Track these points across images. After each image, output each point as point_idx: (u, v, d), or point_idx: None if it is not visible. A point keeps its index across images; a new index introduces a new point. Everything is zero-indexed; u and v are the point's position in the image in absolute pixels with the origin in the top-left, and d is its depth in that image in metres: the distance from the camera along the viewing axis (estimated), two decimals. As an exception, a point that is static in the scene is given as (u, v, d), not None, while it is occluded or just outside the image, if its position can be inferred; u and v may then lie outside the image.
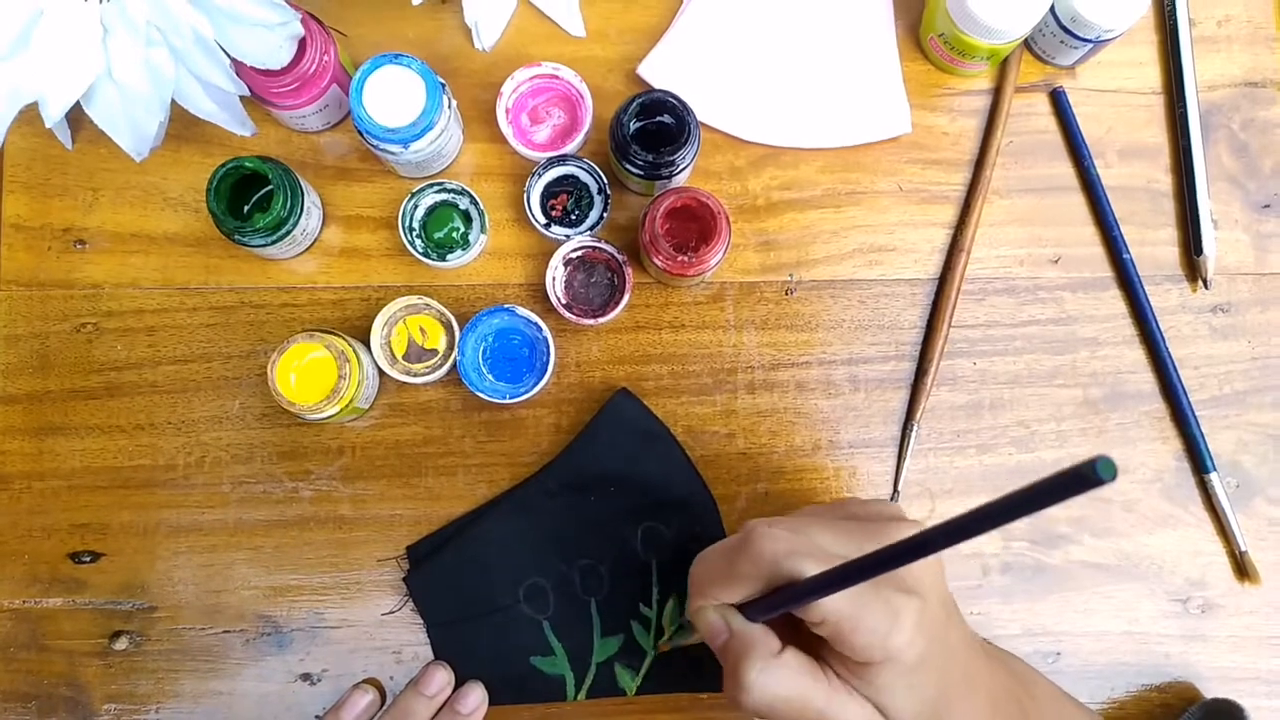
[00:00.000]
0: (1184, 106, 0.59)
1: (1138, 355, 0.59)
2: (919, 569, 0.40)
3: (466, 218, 0.57)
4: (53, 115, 0.50)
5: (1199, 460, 0.57)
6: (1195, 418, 0.57)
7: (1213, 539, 0.58)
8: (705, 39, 0.59)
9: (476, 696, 0.54)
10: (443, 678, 0.54)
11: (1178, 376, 0.58)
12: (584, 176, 0.57)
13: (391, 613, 0.56)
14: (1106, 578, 0.57)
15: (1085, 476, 0.23)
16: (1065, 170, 0.60)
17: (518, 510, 0.56)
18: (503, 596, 0.56)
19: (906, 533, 0.41)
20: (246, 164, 0.52)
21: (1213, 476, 0.57)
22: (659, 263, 0.53)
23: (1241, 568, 0.57)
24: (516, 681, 0.55)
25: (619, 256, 0.56)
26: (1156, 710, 0.56)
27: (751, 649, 0.40)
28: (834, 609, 0.38)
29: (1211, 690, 0.57)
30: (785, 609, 0.39)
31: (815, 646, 0.41)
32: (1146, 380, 0.58)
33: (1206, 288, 0.59)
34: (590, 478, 0.56)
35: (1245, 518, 0.57)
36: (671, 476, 0.57)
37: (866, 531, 0.41)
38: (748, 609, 0.41)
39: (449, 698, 0.54)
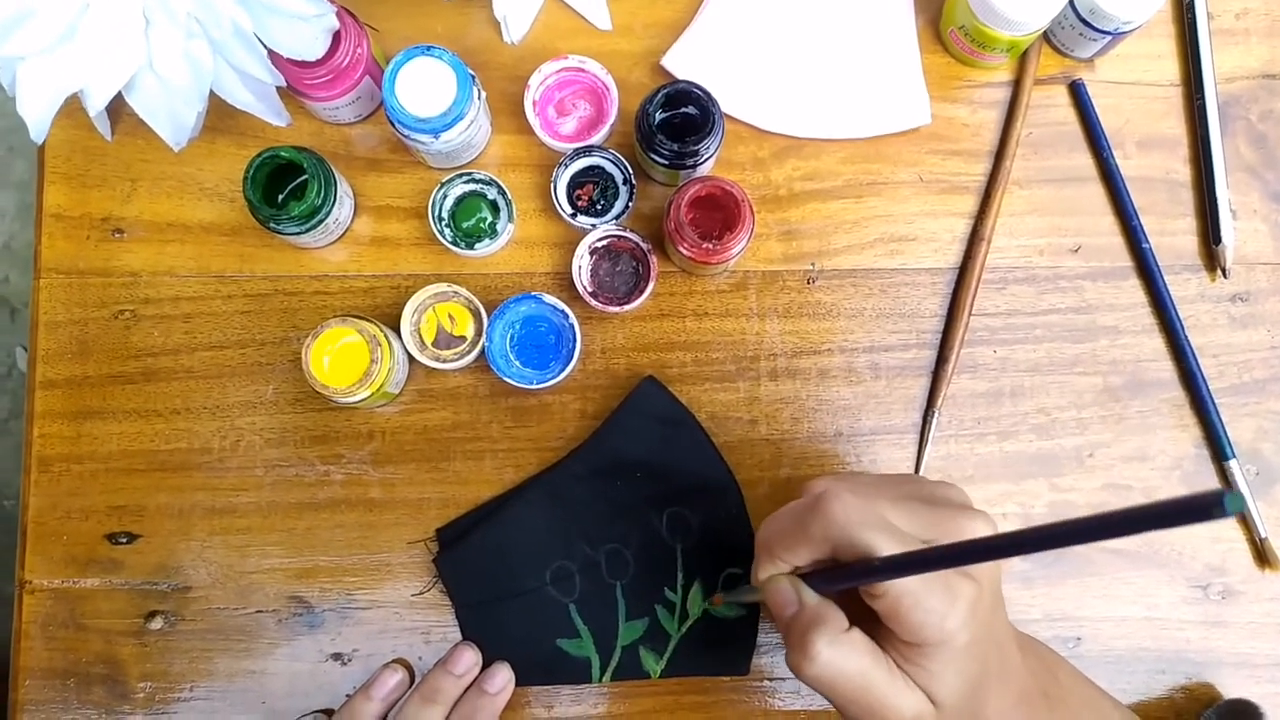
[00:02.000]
0: (1202, 98, 0.60)
1: (1157, 343, 0.59)
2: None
3: (494, 207, 0.58)
4: (96, 105, 0.52)
5: (1219, 448, 0.58)
6: (1215, 405, 0.58)
7: (1233, 526, 0.58)
8: (728, 31, 0.60)
9: (503, 676, 0.55)
10: (470, 657, 0.55)
11: (1197, 364, 0.58)
12: (609, 167, 0.58)
13: (421, 594, 0.57)
14: (1127, 564, 0.58)
15: (1205, 507, 0.22)
16: (1085, 161, 0.60)
17: (545, 495, 0.57)
18: (530, 579, 0.57)
19: (978, 527, 0.42)
20: (282, 153, 0.53)
21: (1232, 464, 0.58)
22: (684, 250, 0.54)
23: (1261, 554, 0.57)
24: (542, 663, 0.56)
25: (644, 245, 0.57)
26: (1177, 704, 0.57)
27: (822, 622, 0.40)
28: (898, 585, 0.39)
29: (1231, 676, 0.57)
30: (852, 584, 0.40)
31: (869, 630, 0.42)
32: (1166, 368, 0.59)
33: (1225, 277, 0.59)
34: (616, 463, 0.57)
35: (1265, 505, 0.58)
36: (696, 462, 0.58)
37: (936, 518, 0.42)
38: (812, 580, 0.42)
39: (476, 677, 0.55)
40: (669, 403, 0.58)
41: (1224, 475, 0.58)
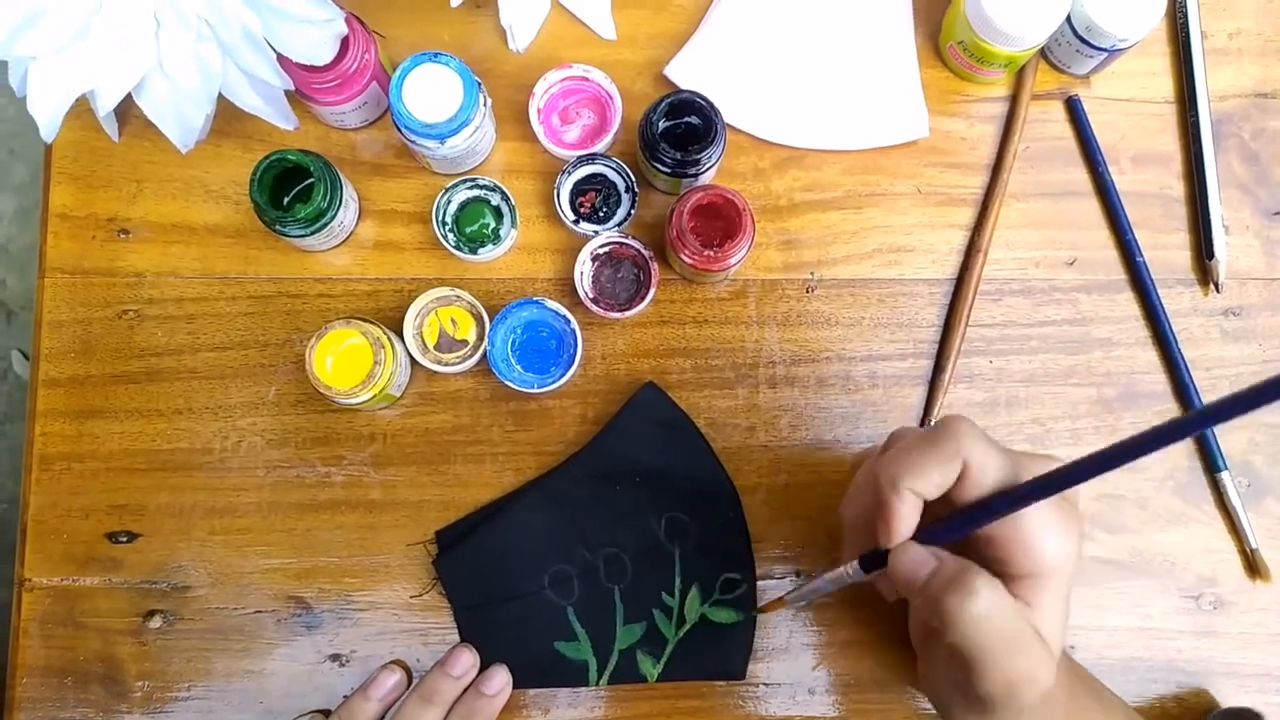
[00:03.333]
0: (1196, 115, 0.61)
1: (1151, 356, 0.60)
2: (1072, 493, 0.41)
3: (498, 213, 0.59)
4: (105, 106, 0.52)
5: (1210, 459, 0.59)
6: (1207, 418, 0.59)
7: (1224, 537, 0.59)
8: (731, 43, 0.61)
9: (501, 679, 0.56)
10: (468, 659, 0.56)
11: (1190, 377, 0.59)
12: (612, 175, 0.59)
13: (420, 596, 0.57)
14: (1119, 574, 0.58)
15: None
16: (1080, 175, 0.61)
17: (545, 499, 0.57)
18: (528, 582, 0.57)
19: (1051, 464, 0.41)
20: (289, 157, 0.54)
21: (1224, 475, 0.58)
22: (685, 258, 0.55)
23: (1253, 565, 0.58)
24: (540, 666, 0.57)
25: (645, 252, 0.57)
26: (1169, 712, 0.57)
27: (970, 567, 0.40)
28: (1026, 513, 0.39)
29: (1222, 686, 0.57)
30: (990, 519, 0.40)
31: None
32: (1159, 381, 0.60)
33: (1218, 291, 0.60)
34: (616, 468, 0.58)
35: (1256, 516, 0.58)
36: (695, 468, 0.58)
37: (1014, 456, 0.42)
38: (937, 532, 0.42)
39: (474, 680, 0.56)
40: (669, 408, 0.58)
41: (1216, 487, 0.59)
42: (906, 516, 0.41)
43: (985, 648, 0.40)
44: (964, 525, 0.41)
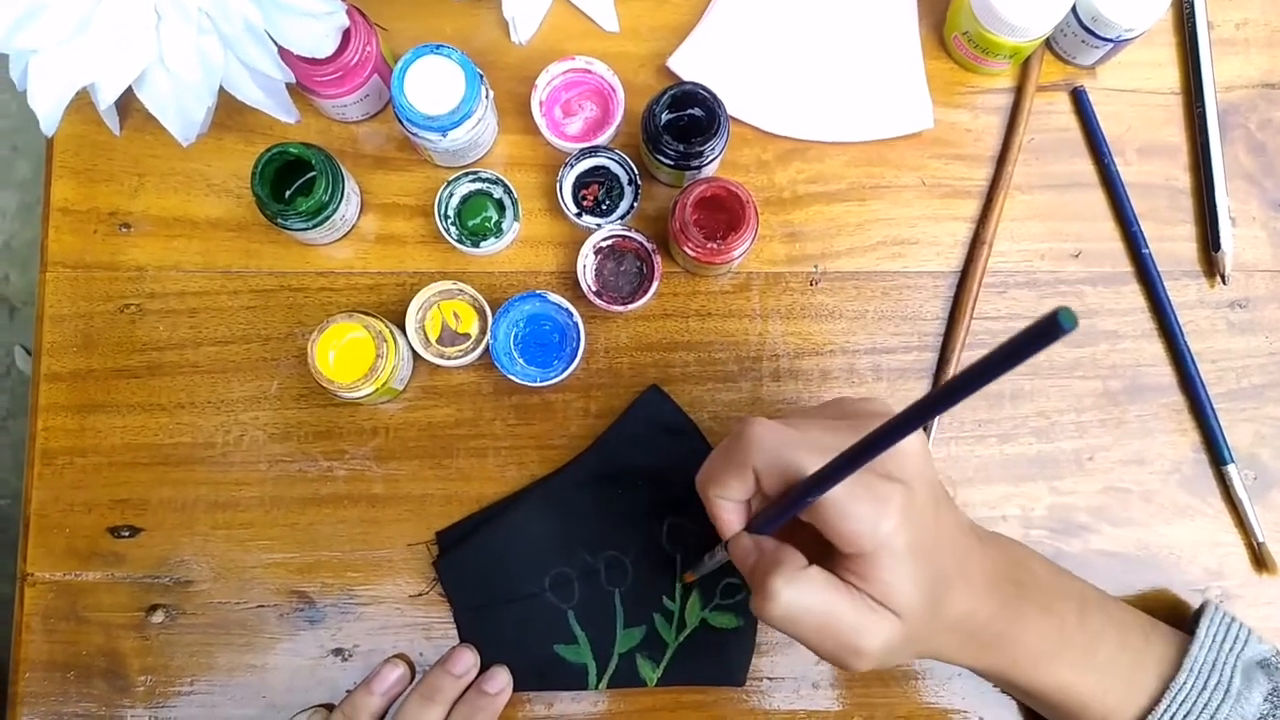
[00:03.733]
0: (1202, 106, 0.60)
1: (1156, 349, 0.60)
2: (906, 461, 0.41)
3: (500, 206, 0.58)
4: (106, 100, 0.52)
5: (1217, 452, 0.58)
6: (1213, 410, 0.58)
7: (1230, 530, 0.58)
8: (733, 34, 0.60)
9: (503, 678, 0.56)
10: (470, 658, 0.55)
11: (1196, 370, 0.59)
12: (615, 167, 0.58)
13: (421, 595, 0.57)
14: (1125, 567, 0.58)
15: (1050, 329, 0.24)
16: (1086, 167, 0.61)
17: (546, 500, 0.57)
18: (529, 584, 0.57)
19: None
20: (291, 149, 0.54)
21: (1230, 468, 0.58)
22: (688, 250, 0.55)
23: (1259, 559, 0.58)
24: (540, 668, 0.56)
25: (648, 245, 0.57)
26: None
27: (778, 563, 0.41)
28: (826, 500, 0.39)
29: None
30: (790, 512, 0.41)
31: (832, 568, 0.42)
32: (1165, 373, 0.59)
33: (1224, 283, 0.60)
34: (618, 471, 0.57)
35: (1263, 509, 0.58)
36: (697, 471, 0.58)
37: (855, 428, 0.42)
38: (760, 523, 0.43)
39: (476, 679, 0.55)
40: (673, 412, 0.58)
41: (1222, 480, 0.58)
42: (724, 516, 0.44)
43: (798, 636, 0.42)
44: (776, 516, 0.42)
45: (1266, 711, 0.47)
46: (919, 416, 0.32)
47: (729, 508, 0.44)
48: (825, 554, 0.42)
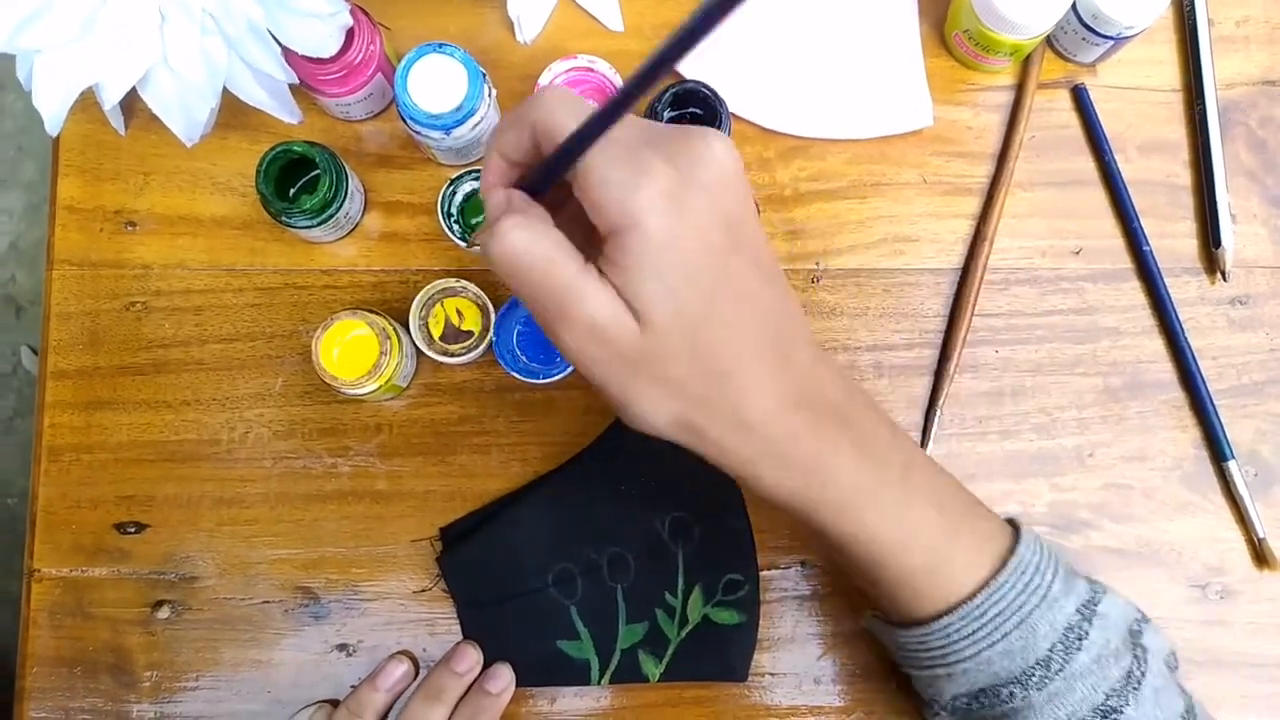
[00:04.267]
0: (1203, 104, 0.60)
1: (1157, 345, 0.60)
2: (706, 165, 0.36)
3: (503, 204, 0.59)
4: (110, 100, 0.52)
5: (1218, 449, 0.58)
6: (1214, 407, 0.59)
7: (1231, 526, 0.59)
8: (735, 32, 0.60)
9: (505, 678, 0.56)
10: (473, 656, 0.56)
11: (1197, 366, 0.59)
12: (617, 166, 0.59)
13: (425, 590, 0.57)
14: (1126, 563, 0.58)
15: None
16: (1086, 164, 0.61)
17: (549, 496, 0.57)
18: (532, 580, 0.57)
19: (710, 139, 0.37)
20: (295, 148, 0.54)
21: (1231, 465, 0.58)
22: (690, 248, 0.55)
23: (1260, 554, 0.58)
24: (543, 664, 0.57)
25: (650, 243, 0.57)
26: None
27: (518, 209, 0.37)
28: (584, 163, 0.35)
29: (1230, 675, 0.57)
30: (555, 172, 0.37)
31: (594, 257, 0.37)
32: (1166, 370, 0.60)
33: (1225, 280, 0.60)
34: (621, 467, 0.57)
35: (1264, 505, 0.58)
36: (700, 468, 0.58)
37: (666, 131, 0.37)
38: (528, 182, 0.39)
39: (478, 677, 0.56)
40: None
41: (1223, 476, 0.59)
42: (486, 170, 0.39)
43: (518, 285, 0.37)
44: (539, 177, 0.38)
45: (1075, 622, 0.44)
46: (678, 46, 0.29)
47: (499, 165, 0.39)
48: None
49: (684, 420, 0.39)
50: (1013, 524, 0.48)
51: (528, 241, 0.36)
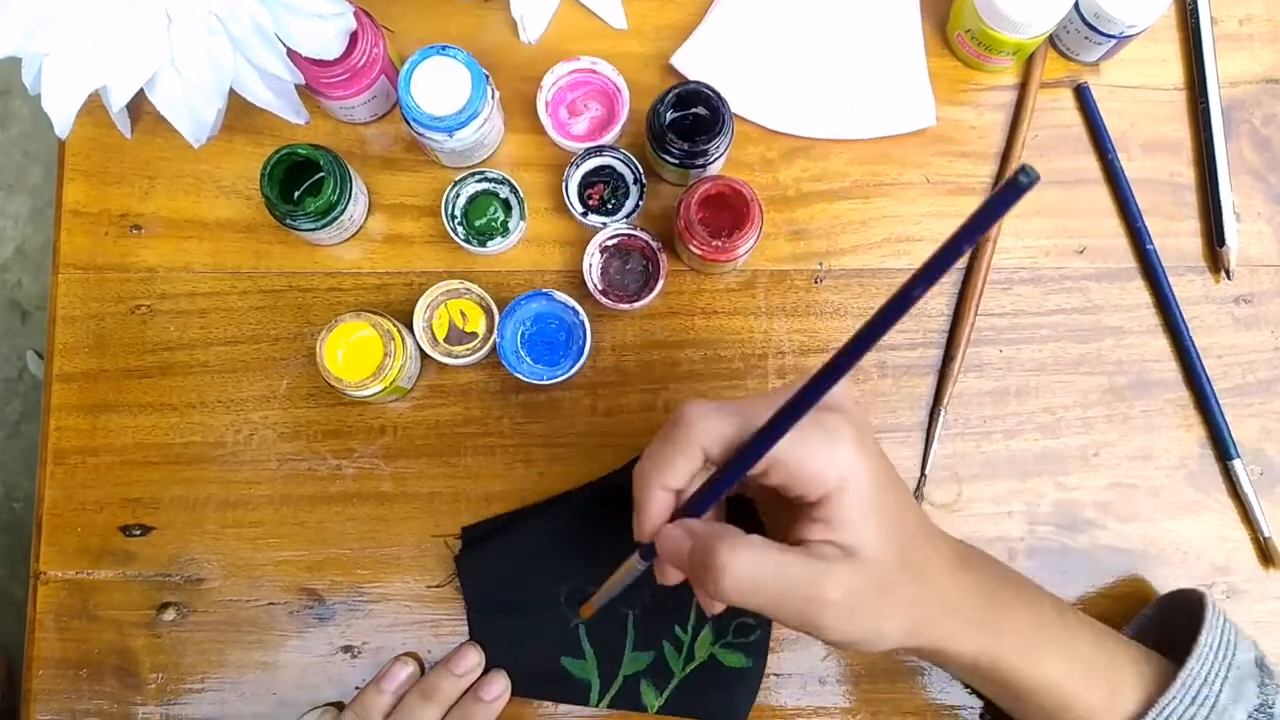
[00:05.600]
0: (1206, 102, 0.60)
1: (1162, 344, 0.60)
2: (840, 402, 0.40)
3: (506, 206, 0.59)
4: (118, 102, 0.52)
5: (1223, 447, 0.58)
6: (1219, 406, 0.58)
7: (1237, 525, 0.58)
8: (737, 32, 0.61)
9: (500, 685, 0.56)
10: (474, 657, 0.56)
11: (1201, 365, 0.59)
12: (620, 167, 0.59)
13: (439, 586, 0.57)
14: (1132, 563, 0.58)
15: (1016, 185, 0.25)
16: (1090, 163, 0.61)
17: (575, 512, 0.57)
18: (545, 593, 0.57)
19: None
20: (299, 150, 0.54)
21: (1236, 463, 0.58)
22: (693, 248, 0.55)
23: (1266, 554, 0.58)
24: (543, 678, 0.56)
25: (654, 244, 0.57)
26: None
27: (720, 539, 0.39)
28: (778, 453, 0.38)
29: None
30: (729, 483, 0.39)
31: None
32: (1170, 369, 0.59)
33: (1229, 278, 0.60)
34: None
35: (1269, 504, 0.58)
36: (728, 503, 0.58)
37: (783, 392, 0.40)
38: (695, 503, 0.41)
39: (474, 684, 0.56)
40: None
41: (1228, 475, 0.58)
42: (651, 508, 0.42)
43: (761, 608, 0.39)
44: (718, 486, 0.40)
45: None
46: (864, 342, 0.32)
47: (663, 499, 0.41)
48: (772, 529, 0.40)
49: (911, 625, 0.41)
50: (1189, 603, 0.51)
51: (752, 561, 0.38)
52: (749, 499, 0.48)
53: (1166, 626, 0.53)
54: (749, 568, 0.38)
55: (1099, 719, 0.46)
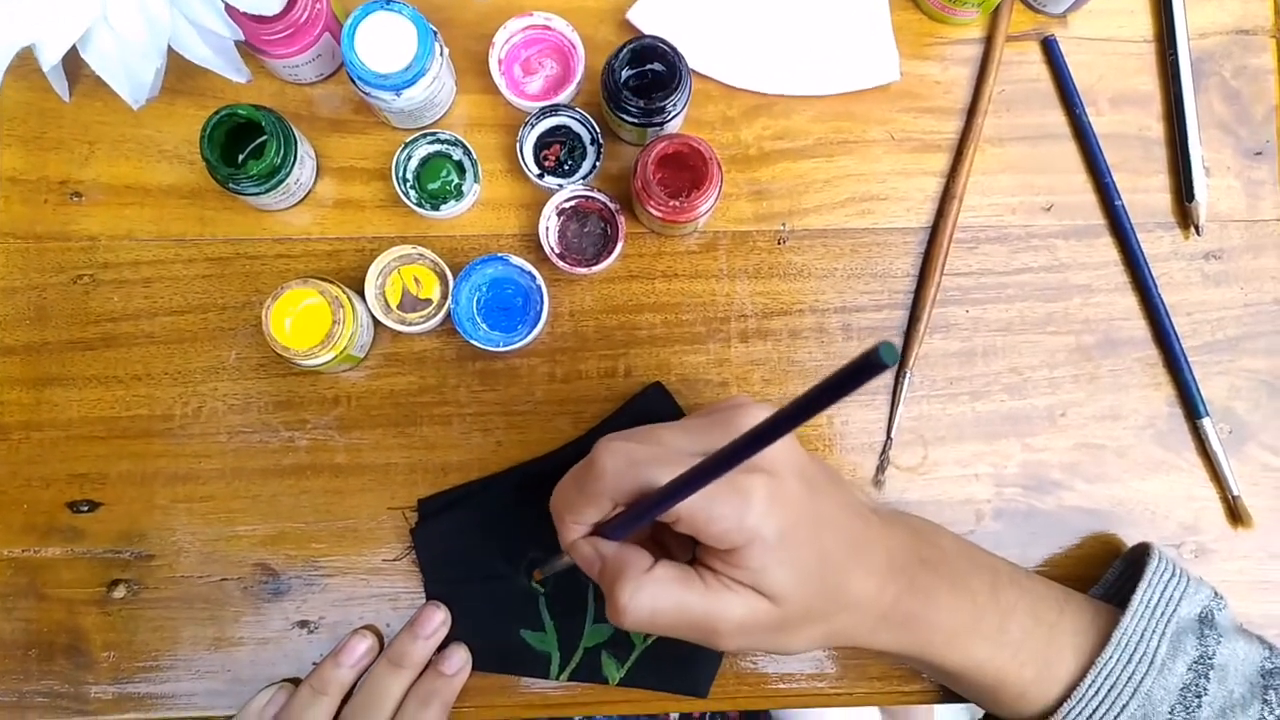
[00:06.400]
0: (1175, 54, 0.59)
1: (1130, 302, 0.59)
2: (768, 452, 0.39)
3: (460, 168, 0.57)
4: (49, 60, 0.50)
5: (1191, 406, 0.58)
6: (1188, 363, 0.58)
7: (1205, 484, 0.58)
8: (696, -12, 0.59)
9: (460, 658, 0.55)
10: (438, 617, 0.55)
11: (1170, 323, 0.58)
12: (576, 127, 0.57)
13: (395, 560, 0.56)
14: (1100, 523, 0.57)
15: (872, 364, 0.25)
16: (1057, 118, 0.60)
17: (533, 483, 0.56)
18: (503, 565, 0.56)
19: (753, 418, 0.41)
20: (240, 111, 0.52)
21: (1205, 422, 0.57)
22: (651, 210, 0.53)
23: (1234, 512, 0.57)
24: (503, 651, 0.55)
25: (612, 205, 0.56)
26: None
27: (623, 572, 0.41)
28: (685, 507, 0.39)
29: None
30: (643, 521, 0.40)
31: (695, 550, 0.42)
32: (1139, 327, 0.59)
33: (1199, 234, 0.59)
34: None
35: (1238, 463, 0.57)
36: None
37: (714, 422, 0.42)
38: (610, 529, 0.42)
39: (435, 656, 0.55)
40: (674, 411, 0.57)
41: (1197, 433, 0.58)
42: (566, 534, 0.44)
43: (662, 633, 0.42)
44: (628, 523, 0.41)
45: (1189, 680, 0.47)
46: (779, 429, 0.32)
47: (577, 528, 0.43)
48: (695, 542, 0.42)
49: (824, 638, 0.44)
50: (1141, 556, 0.51)
51: (649, 601, 0.40)
52: None
53: (1126, 585, 0.52)
54: (645, 607, 0.40)
55: (1034, 692, 0.47)
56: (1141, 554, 0.52)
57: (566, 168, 0.57)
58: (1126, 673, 0.46)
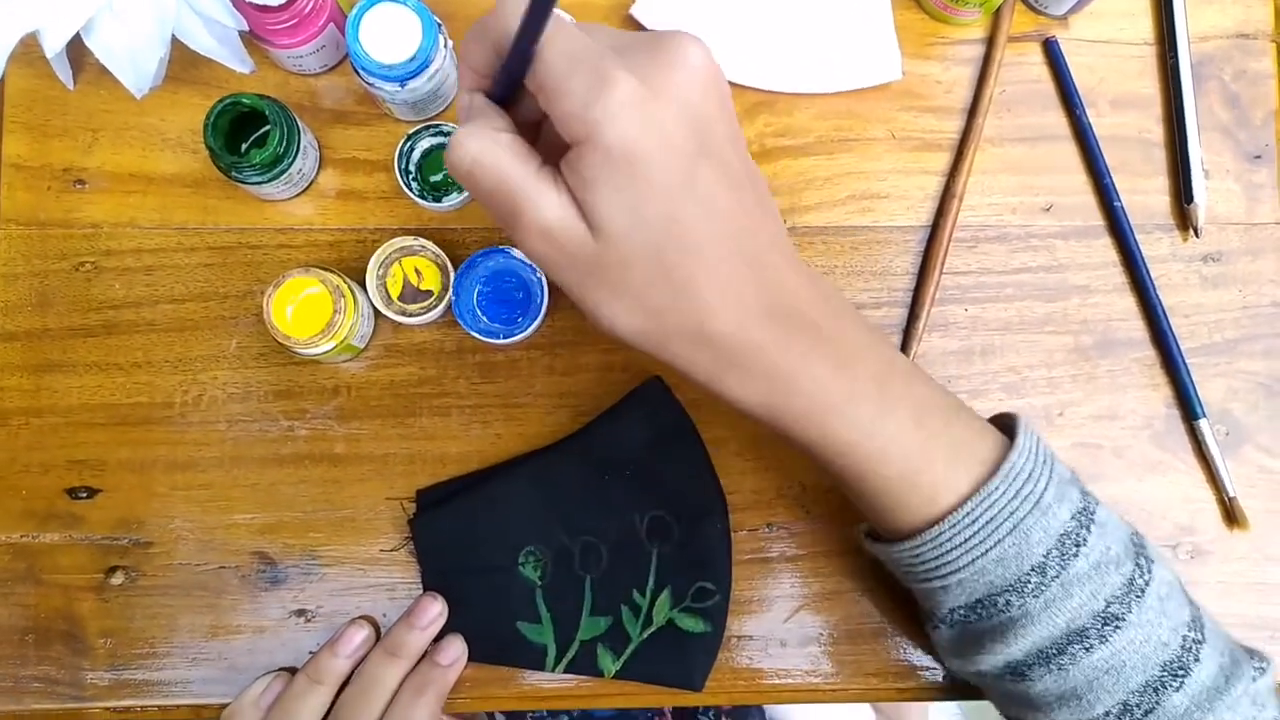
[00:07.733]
0: (1176, 57, 0.59)
1: (1128, 303, 0.59)
2: (675, 73, 0.36)
3: (462, 161, 0.57)
4: (54, 46, 0.51)
5: (1189, 407, 0.58)
6: (1185, 365, 0.58)
7: (1202, 485, 0.58)
8: (700, -16, 0.59)
9: (456, 649, 0.55)
10: (435, 609, 0.55)
11: (1168, 324, 0.58)
12: (579, 121, 0.57)
13: (393, 550, 0.56)
14: (1096, 523, 0.58)
15: None
16: (1057, 119, 0.60)
17: (531, 475, 0.56)
18: (501, 557, 0.56)
19: (686, 46, 0.36)
20: (244, 100, 0.52)
21: (1202, 423, 0.57)
22: (653, 203, 0.54)
23: (1231, 514, 0.57)
24: (499, 642, 0.55)
25: (613, 199, 0.56)
26: None
27: (470, 119, 0.38)
28: (548, 69, 0.35)
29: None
30: (513, 77, 0.37)
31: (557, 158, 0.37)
32: (1137, 328, 0.59)
33: (1197, 236, 0.59)
34: (608, 457, 0.56)
35: (1234, 464, 0.58)
36: (688, 472, 0.57)
37: (640, 37, 0.37)
38: (493, 87, 0.39)
39: (431, 647, 0.55)
40: (671, 406, 0.57)
41: (1194, 435, 0.58)
42: (464, 83, 0.40)
43: (474, 194, 0.38)
44: (501, 80, 0.38)
45: (1072, 529, 0.44)
46: None
47: (470, 77, 0.39)
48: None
49: (645, 330, 0.39)
50: (1011, 425, 0.46)
51: (480, 148, 0.36)
52: None
53: None
54: (473, 151, 0.36)
55: (904, 501, 0.44)
56: (1007, 419, 0.47)
57: (569, 162, 0.58)
58: (1010, 507, 0.43)
